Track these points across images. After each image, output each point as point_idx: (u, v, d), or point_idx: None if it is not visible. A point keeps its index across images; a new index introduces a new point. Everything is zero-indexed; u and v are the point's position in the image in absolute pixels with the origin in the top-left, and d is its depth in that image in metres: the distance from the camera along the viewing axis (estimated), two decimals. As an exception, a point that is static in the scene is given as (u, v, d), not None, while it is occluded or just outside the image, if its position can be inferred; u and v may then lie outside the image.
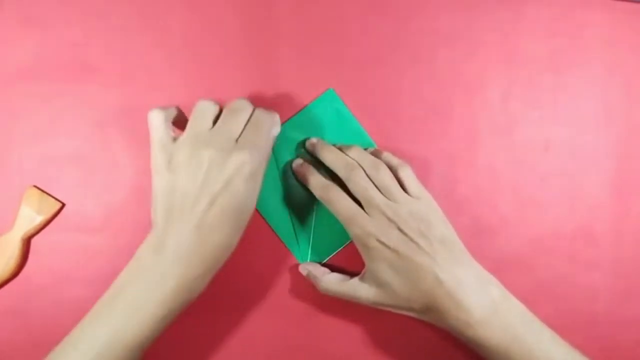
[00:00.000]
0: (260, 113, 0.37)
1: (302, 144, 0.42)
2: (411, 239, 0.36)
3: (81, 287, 0.42)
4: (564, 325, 0.42)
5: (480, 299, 0.35)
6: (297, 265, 0.43)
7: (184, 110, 0.43)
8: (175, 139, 0.35)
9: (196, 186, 0.33)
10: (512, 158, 0.44)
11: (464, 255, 0.37)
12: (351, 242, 0.43)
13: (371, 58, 0.44)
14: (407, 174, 0.39)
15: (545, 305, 0.43)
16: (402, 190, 0.38)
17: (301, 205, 0.43)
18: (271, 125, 0.36)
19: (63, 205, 0.42)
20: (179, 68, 0.43)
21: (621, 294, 0.43)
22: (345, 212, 0.37)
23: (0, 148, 0.42)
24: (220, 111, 0.37)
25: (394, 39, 0.44)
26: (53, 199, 0.42)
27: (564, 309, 0.43)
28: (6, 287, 0.42)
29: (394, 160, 0.40)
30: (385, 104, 0.43)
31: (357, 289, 0.38)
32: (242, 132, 0.35)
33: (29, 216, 0.41)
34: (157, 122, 0.36)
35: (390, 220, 0.36)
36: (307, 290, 0.42)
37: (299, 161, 0.42)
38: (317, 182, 0.40)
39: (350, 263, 0.43)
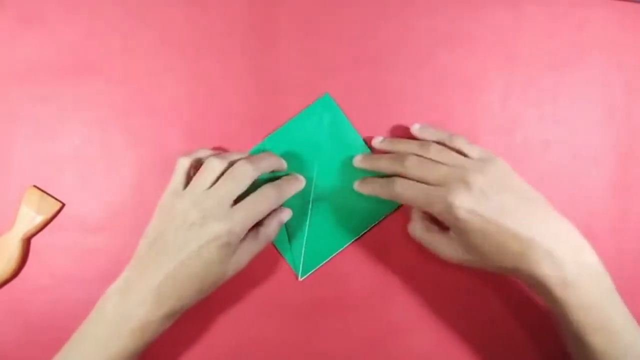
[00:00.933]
0: (268, 188, 0.37)
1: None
2: (495, 201, 0.34)
3: (81, 287, 0.42)
4: (564, 325, 0.43)
5: (573, 259, 0.33)
6: (296, 262, 0.43)
7: (183, 114, 0.43)
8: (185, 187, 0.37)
9: (176, 240, 0.35)
10: (512, 158, 0.43)
11: (551, 210, 0.35)
12: (345, 247, 0.43)
13: (371, 58, 0.44)
14: (462, 142, 0.38)
15: (545, 305, 0.43)
16: (462, 156, 0.37)
17: (295, 211, 0.42)
18: (274, 203, 0.37)
19: (63, 205, 0.42)
20: (179, 68, 0.43)
21: (621, 294, 0.43)
22: (418, 197, 0.36)
23: (0, 148, 0.42)
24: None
25: (393, 39, 0.44)
26: (53, 199, 0.42)
27: (564, 309, 0.43)
28: (6, 287, 0.42)
29: (443, 134, 0.39)
30: (385, 104, 0.43)
31: (442, 245, 0.37)
32: (240, 200, 0.36)
33: (29, 216, 0.41)
34: (179, 169, 0.38)
35: (466, 183, 0.34)
36: (303, 291, 0.42)
37: (358, 181, 0.42)
38: (379, 188, 0.39)
39: (347, 265, 0.43)
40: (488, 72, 0.44)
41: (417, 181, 0.37)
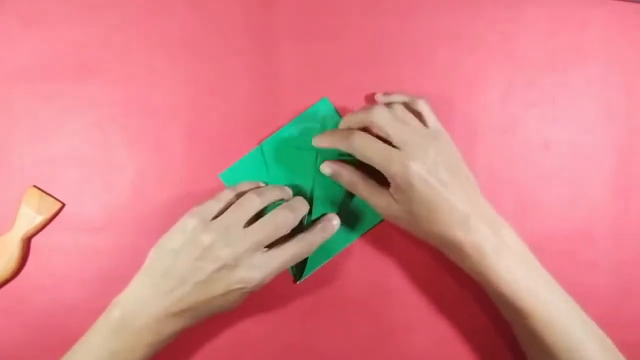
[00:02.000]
0: (301, 244, 0.37)
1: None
2: (446, 174, 0.35)
3: (81, 287, 0.42)
4: (564, 325, 0.42)
5: (496, 231, 0.36)
6: (293, 266, 0.43)
7: (183, 114, 0.43)
8: (215, 217, 0.36)
9: (202, 274, 0.34)
10: (512, 158, 0.44)
11: (479, 193, 0.37)
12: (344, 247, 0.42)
13: (370, 58, 0.44)
14: (424, 107, 0.38)
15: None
16: (421, 123, 0.38)
17: None
18: (299, 257, 0.37)
19: (63, 205, 0.42)
20: (179, 68, 0.43)
21: (621, 295, 0.43)
22: (376, 154, 0.36)
23: (0, 148, 0.42)
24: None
25: (393, 38, 0.44)
26: (53, 199, 0.42)
27: (564, 309, 0.43)
28: (6, 287, 0.42)
29: (407, 98, 0.40)
30: (385, 104, 0.43)
31: (380, 200, 0.38)
32: (271, 246, 0.36)
33: (29, 216, 0.41)
34: (221, 198, 0.37)
35: (426, 152, 0.35)
36: (302, 291, 0.42)
37: (315, 138, 0.40)
38: (338, 137, 0.38)
39: (346, 265, 0.43)
40: (488, 72, 0.44)
41: (378, 138, 0.37)
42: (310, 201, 0.42)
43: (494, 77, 0.44)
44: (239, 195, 0.38)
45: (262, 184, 0.41)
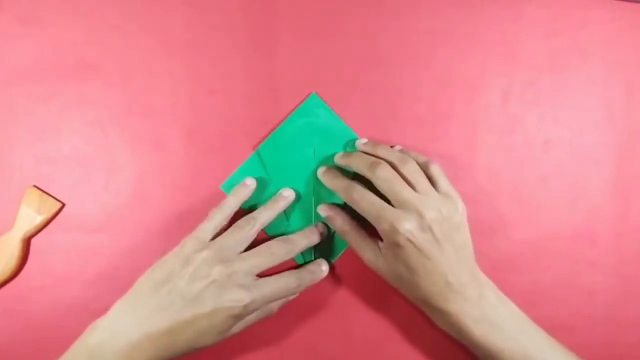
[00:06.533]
0: (291, 276, 0.38)
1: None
2: (437, 240, 0.35)
3: (81, 287, 0.42)
4: (563, 326, 0.43)
5: (477, 301, 0.36)
6: (295, 266, 0.43)
7: (183, 114, 0.43)
8: (215, 237, 0.37)
9: (190, 291, 0.34)
10: (512, 158, 0.44)
11: (471, 260, 0.37)
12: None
13: (370, 58, 0.44)
14: (437, 172, 0.38)
15: (545, 306, 0.43)
16: (431, 185, 0.37)
17: (299, 214, 0.42)
18: (293, 291, 0.38)
19: (63, 205, 0.42)
20: (179, 68, 0.43)
21: (621, 295, 0.43)
22: (370, 209, 0.36)
23: (0, 148, 0.42)
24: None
25: (393, 38, 0.44)
26: (53, 199, 0.42)
27: (564, 309, 0.43)
28: (6, 287, 0.42)
29: (422, 158, 0.39)
30: (385, 104, 0.43)
31: (367, 250, 0.38)
32: (263, 275, 0.37)
33: (29, 216, 0.41)
34: (212, 221, 0.38)
35: (421, 216, 0.35)
36: (306, 290, 0.42)
37: (322, 168, 0.41)
38: (340, 184, 0.39)
39: (347, 265, 0.43)
40: (488, 72, 0.44)
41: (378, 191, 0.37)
42: (314, 200, 0.42)
43: (494, 77, 0.44)
44: (227, 208, 0.39)
45: (249, 181, 0.41)
